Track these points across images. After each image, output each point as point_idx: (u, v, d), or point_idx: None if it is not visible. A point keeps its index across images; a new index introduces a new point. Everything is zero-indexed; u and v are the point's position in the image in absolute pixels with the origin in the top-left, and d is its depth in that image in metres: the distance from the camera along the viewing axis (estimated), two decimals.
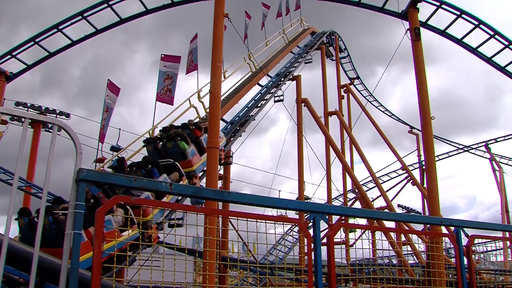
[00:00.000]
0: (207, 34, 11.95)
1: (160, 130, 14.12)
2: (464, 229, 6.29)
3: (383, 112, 35.52)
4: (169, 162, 12.13)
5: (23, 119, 3.86)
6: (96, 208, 8.76)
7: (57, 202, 9.57)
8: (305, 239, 4.71)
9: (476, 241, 6.57)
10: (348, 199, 27.44)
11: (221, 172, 17.14)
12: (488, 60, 15.47)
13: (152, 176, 11.04)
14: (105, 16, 16.34)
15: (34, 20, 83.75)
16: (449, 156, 37.89)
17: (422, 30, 13.26)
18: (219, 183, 15.56)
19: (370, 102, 33.43)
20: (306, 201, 21.95)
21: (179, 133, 12.95)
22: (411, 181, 29.38)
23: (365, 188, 30.86)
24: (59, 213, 8.85)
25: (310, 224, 4.93)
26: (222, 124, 17.10)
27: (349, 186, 27.22)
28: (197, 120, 15.35)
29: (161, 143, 13.12)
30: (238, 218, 4.60)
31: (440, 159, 36.82)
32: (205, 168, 12.79)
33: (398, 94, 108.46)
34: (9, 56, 16.19)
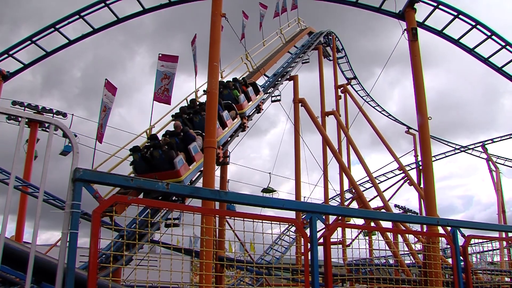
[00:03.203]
0: (206, 35, 11.98)
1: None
2: (461, 229, 6.30)
3: (380, 112, 35.62)
4: (228, 102, 15.69)
5: (19, 119, 3.83)
6: (186, 140, 12.21)
7: (153, 137, 12.92)
8: (302, 239, 4.71)
9: (472, 241, 6.58)
10: (345, 199, 27.43)
11: (218, 172, 17.25)
12: (485, 61, 15.51)
13: (217, 111, 13.53)
14: (103, 15, 16.36)
15: (35, 20, 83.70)
16: (446, 156, 38.06)
17: (420, 31, 13.28)
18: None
19: (367, 102, 33.47)
20: (269, 194, 22.14)
21: (231, 85, 16.56)
22: (408, 181, 29.39)
23: (362, 188, 30.89)
24: (166, 141, 12.27)
25: (307, 224, 4.93)
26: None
27: (346, 186, 27.24)
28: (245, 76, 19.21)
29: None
30: (235, 218, 4.60)
31: (437, 159, 36.99)
32: (251, 113, 17.70)
33: (396, 95, 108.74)
34: (6, 56, 16.20)
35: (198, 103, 15.43)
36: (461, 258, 6.07)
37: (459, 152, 38.13)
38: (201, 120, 13.80)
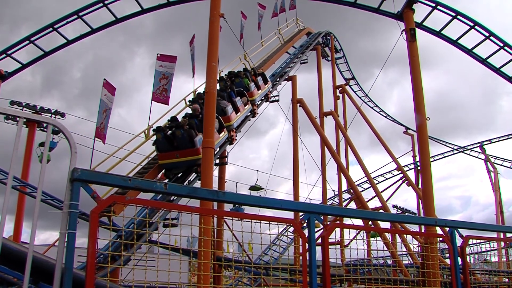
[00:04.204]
0: (204, 35, 11.98)
1: (223, 75, 18.27)
2: (459, 229, 6.31)
3: (378, 113, 35.60)
4: (240, 90, 16.88)
5: (18, 118, 3.83)
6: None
7: (174, 119, 13.65)
8: (300, 240, 4.71)
9: (470, 241, 6.58)
10: (343, 199, 27.43)
11: (217, 172, 17.26)
12: (483, 61, 15.52)
13: (231, 97, 15.81)
14: (102, 15, 16.36)
15: (34, 20, 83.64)
16: (444, 157, 38.09)
17: (418, 32, 13.29)
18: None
19: (365, 102, 33.47)
20: (257, 191, 22.19)
21: (242, 74, 17.75)
22: (406, 181, 29.40)
23: (360, 189, 30.86)
24: (186, 121, 13.12)
25: (305, 224, 4.93)
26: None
27: (344, 187, 27.24)
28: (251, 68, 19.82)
29: (229, 83, 17.16)
30: (233, 218, 4.60)
31: (435, 160, 37.00)
32: (263, 98, 19.18)
33: (395, 96, 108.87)
34: (4, 55, 16.19)
35: None
36: (459, 258, 6.08)
37: (457, 153, 38.22)
38: (217, 105, 14.24)
